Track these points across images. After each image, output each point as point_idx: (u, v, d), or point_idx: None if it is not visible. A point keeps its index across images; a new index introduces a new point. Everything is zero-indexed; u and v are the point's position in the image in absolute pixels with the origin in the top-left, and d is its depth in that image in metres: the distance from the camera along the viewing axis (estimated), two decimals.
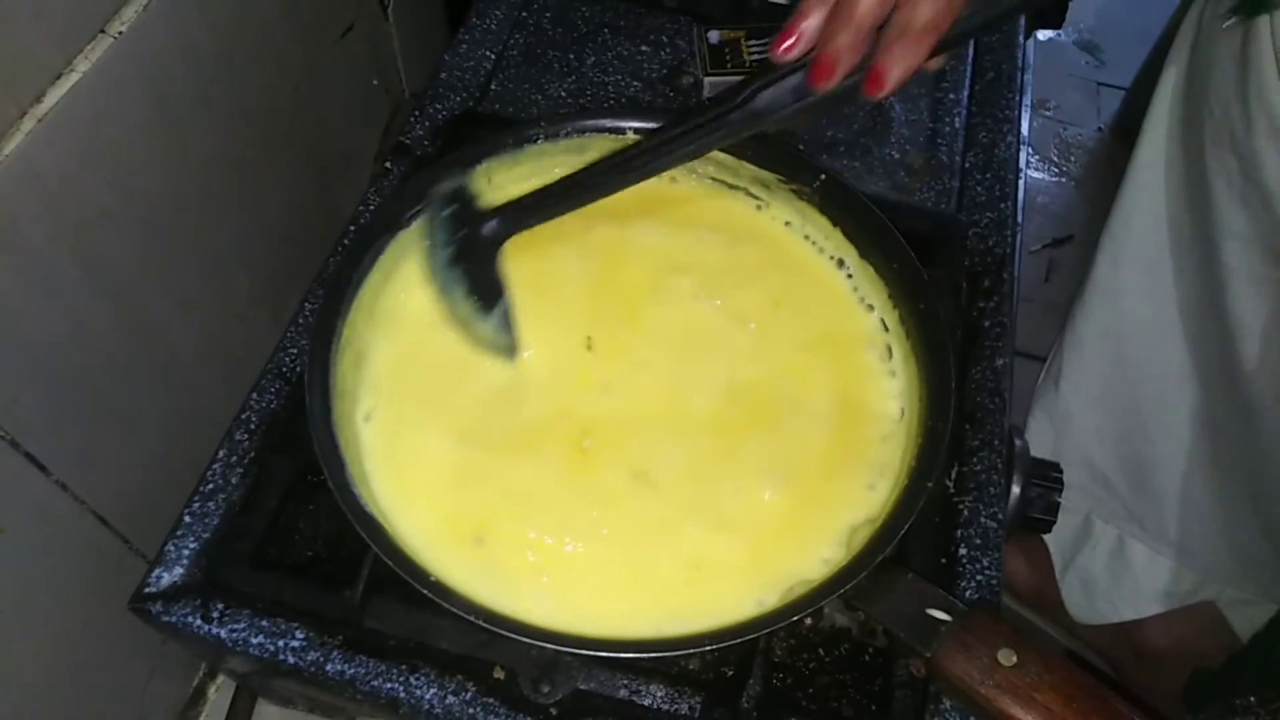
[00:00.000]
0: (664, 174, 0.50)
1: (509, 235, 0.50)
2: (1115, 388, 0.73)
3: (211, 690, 0.75)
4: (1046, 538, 0.81)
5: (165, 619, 0.48)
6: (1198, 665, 0.67)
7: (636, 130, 0.55)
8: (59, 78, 0.47)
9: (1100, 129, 1.28)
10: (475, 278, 0.49)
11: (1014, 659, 0.39)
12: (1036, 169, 1.23)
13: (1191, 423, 0.69)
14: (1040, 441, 0.78)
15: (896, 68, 0.42)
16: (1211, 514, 0.72)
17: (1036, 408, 0.79)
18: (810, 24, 0.43)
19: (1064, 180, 1.22)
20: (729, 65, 0.70)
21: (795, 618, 0.42)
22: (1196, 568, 0.76)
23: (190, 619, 0.48)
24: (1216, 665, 0.65)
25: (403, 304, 0.52)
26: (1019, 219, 0.64)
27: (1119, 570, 0.78)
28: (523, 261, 0.51)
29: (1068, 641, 0.86)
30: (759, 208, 0.56)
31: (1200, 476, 0.71)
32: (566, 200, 0.50)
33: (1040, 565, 0.83)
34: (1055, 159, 1.25)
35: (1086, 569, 0.80)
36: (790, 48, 0.44)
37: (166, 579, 0.50)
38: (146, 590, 0.49)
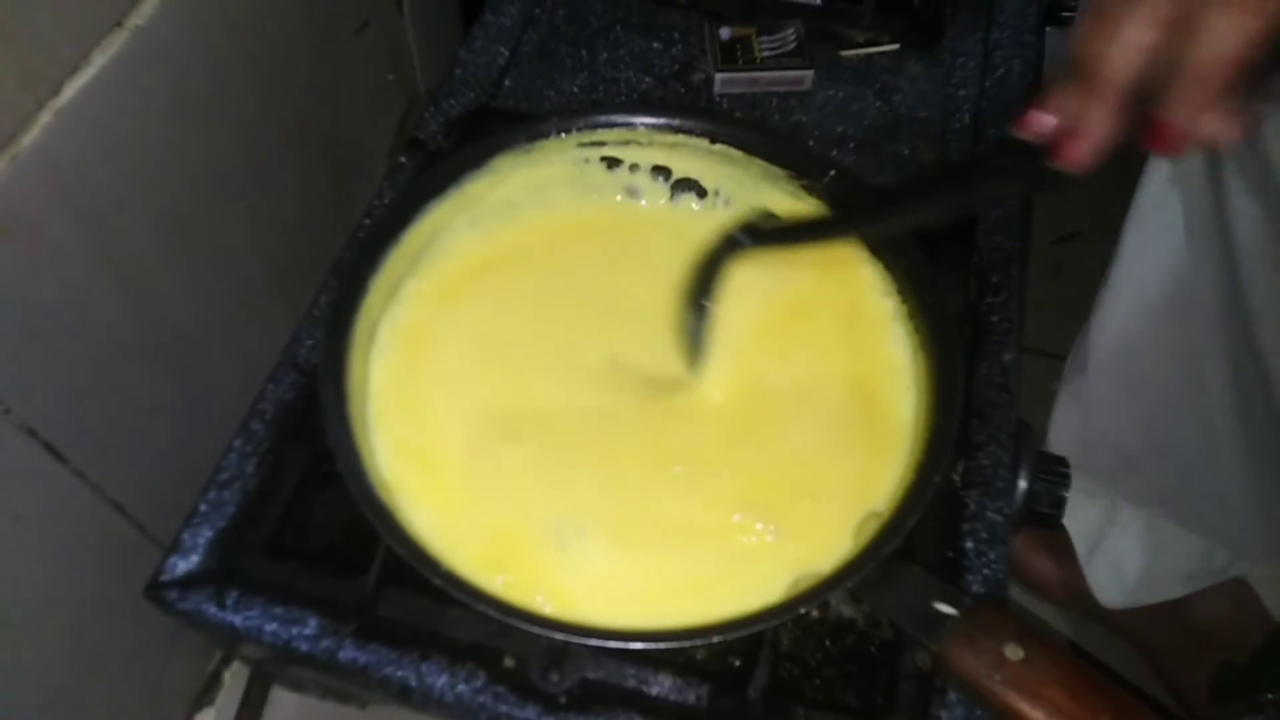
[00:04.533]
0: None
1: (751, 249, 0.51)
2: (1143, 370, 0.72)
3: (226, 676, 0.75)
4: (1069, 527, 0.80)
5: (180, 606, 0.48)
6: (1224, 659, 0.66)
7: (648, 125, 0.54)
8: (76, 71, 0.47)
9: None
10: (707, 276, 0.51)
11: (1021, 654, 0.39)
12: None
13: (1220, 401, 0.69)
14: (1066, 427, 0.77)
15: (1183, 115, 0.33)
16: (1242, 490, 0.71)
17: (1063, 393, 0.78)
18: (1062, 99, 0.36)
19: None
20: (740, 62, 0.70)
21: (802, 611, 0.42)
22: (1228, 544, 0.75)
23: (205, 607, 0.48)
24: (1244, 656, 0.64)
25: (417, 295, 0.52)
26: (1029, 215, 0.63)
27: (1149, 551, 0.77)
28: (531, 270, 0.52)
29: (1097, 633, 0.86)
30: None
31: (1230, 453, 0.70)
32: (813, 235, 0.52)
33: (1066, 558, 0.82)
34: None
35: (1115, 552, 0.79)
36: (1037, 121, 0.37)
37: (182, 567, 0.49)
38: (162, 578, 0.49)
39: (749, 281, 0.52)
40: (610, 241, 0.56)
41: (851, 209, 0.50)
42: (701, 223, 0.54)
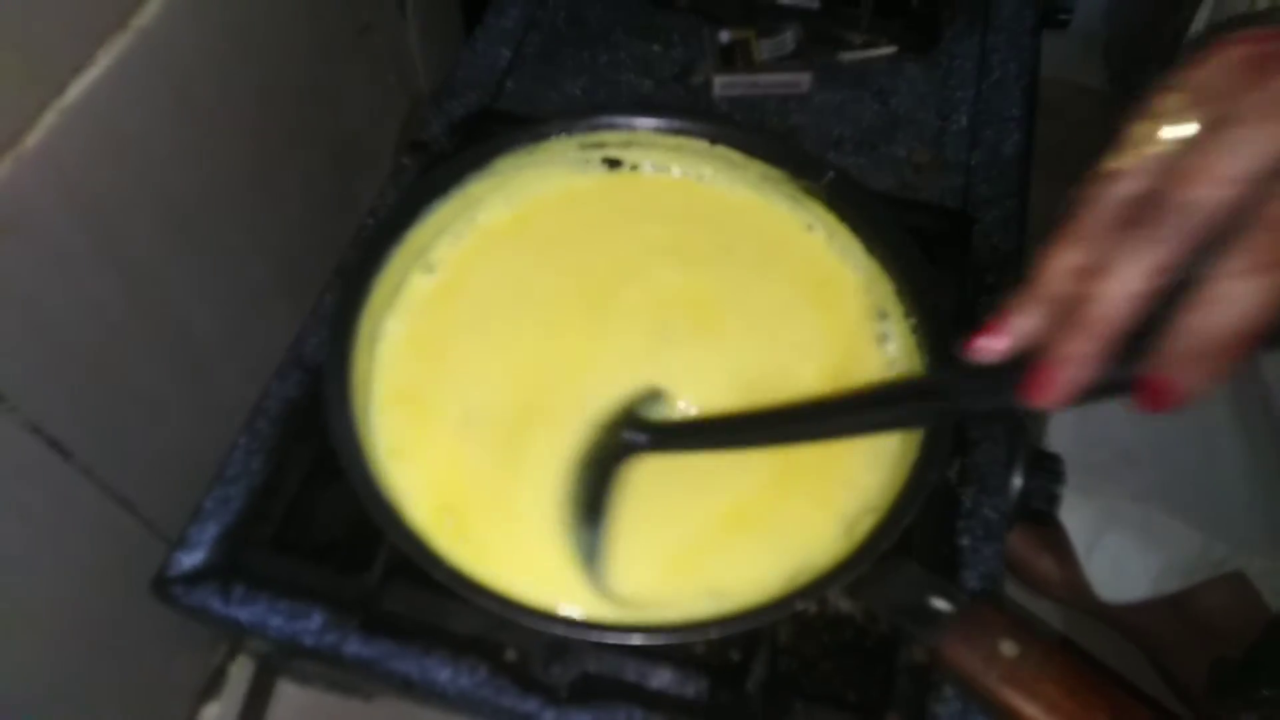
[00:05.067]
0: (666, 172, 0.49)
1: (648, 451, 0.46)
2: None
3: (232, 669, 0.75)
4: (1067, 524, 0.80)
5: (186, 601, 0.49)
6: (1224, 652, 0.66)
7: (649, 127, 0.55)
8: (80, 71, 0.47)
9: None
10: (593, 484, 0.45)
11: (1016, 650, 0.39)
12: (1038, 163, 1.21)
13: (1217, 396, 0.69)
14: (1064, 424, 0.77)
15: (1189, 381, 0.29)
16: (1239, 483, 0.71)
17: None
18: (1024, 323, 0.32)
19: (1063, 178, 1.20)
20: (739, 65, 0.70)
21: (798, 607, 0.42)
22: (1226, 538, 0.76)
23: (210, 601, 0.48)
24: (1243, 650, 0.65)
25: (419, 295, 0.52)
26: (1025, 215, 0.63)
27: (1148, 546, 0.77)
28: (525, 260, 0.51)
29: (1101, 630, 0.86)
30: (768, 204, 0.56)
31: (1227, 447, 0.70)
32: (716, 439, 0.46)
33: (1066, 556, 0.82)
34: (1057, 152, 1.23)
35: (1114, 548, 0.79)
36: (989, 347, 0.33)
37: (188, 562, 0.50)
38: (168, 573, 0.49)
39: (734, 272, 0.53)
40: (614, 222, 0.56)
41: (762, 417, 0.45)
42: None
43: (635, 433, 0.46)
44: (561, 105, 0.69)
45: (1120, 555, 0.79)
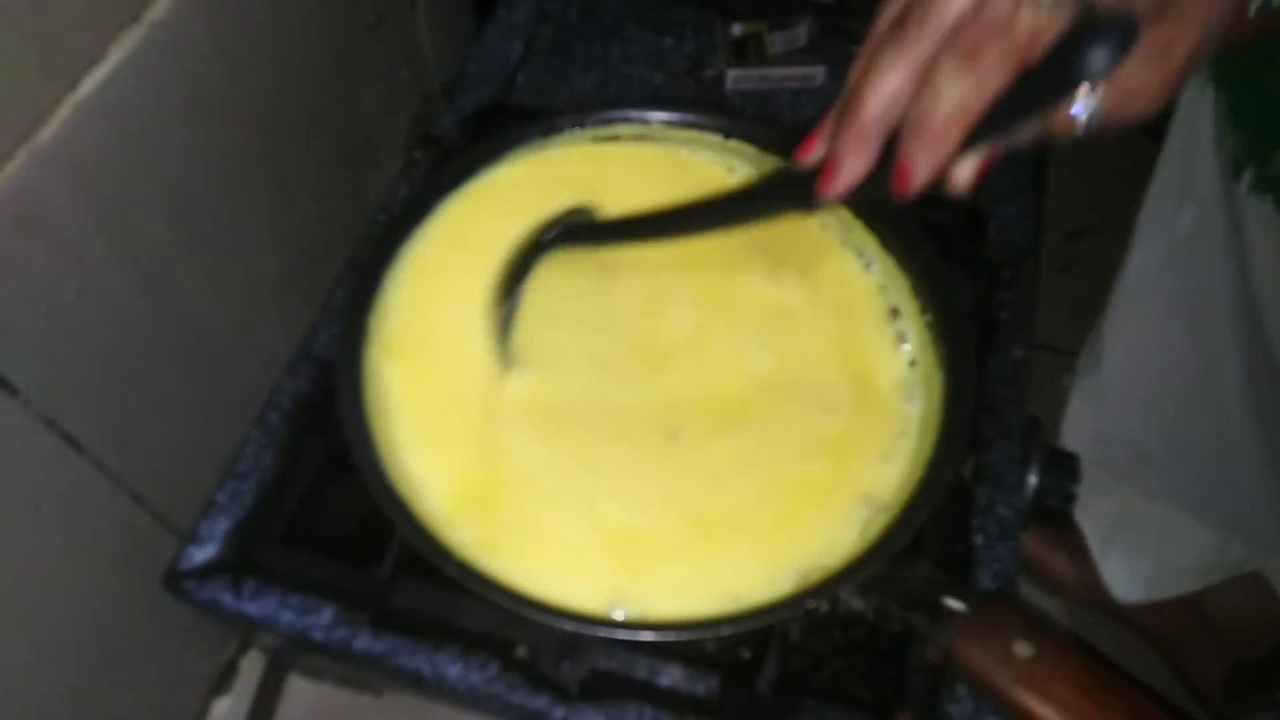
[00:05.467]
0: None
1: (556, 248, 0.51)
2: (1157, 364, 0.72)
3: (243, 664, 0.76)
4: (1082, 524, 0.80)
5: (197, 596, 0.49)
6: (1240, 653, 0.66)
7: (661, 121, 0.54)
8: (93, 65, 0.47)
9: None
10: (515, 274, 0.51)
11: (1030, 650, 0.39)
12: (1053, 159, 1.20)
13: (1233, 394, 0.68)
14: (1080, 423, 0.77)
15: (919, 163, 0.35)
16: (1257, 482, 0.71)
17: (1076, 389, 0.77)
18: (828, 132, 0.38)
19: (1081, 171, 1.19)
20: (751, 58, 0.70)
21: (810, 605, 0.42)
22: (1244, 537, 0.75)
23: (222, 596, 0.48)
24: (1260, 651, 0.64)
25: (432, 288, 0.52)
26: (1040, 211, 0.63)
27: (1164, 546, 0.77)
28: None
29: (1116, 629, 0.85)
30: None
31: (1244, 446, 0.70)
32: (618, 235, 0.52)
33: (1082, 555, 0.81)
34: (1071, 148, 1.22)
35: (1129, 548, 0.79)
36: (805, 152, 0.40)
37: (199, 557, 0.50)
38: (179, 568, 0.49)
39: (749, 269, 0.53)
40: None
41: (651, 216, 0.50)
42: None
43: (551, 233, 0.51)
44: (573, 99, 0.69)
45: (1135, 555, 0.78)
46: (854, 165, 0.37)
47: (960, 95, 0.32)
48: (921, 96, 0.33)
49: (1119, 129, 0.34)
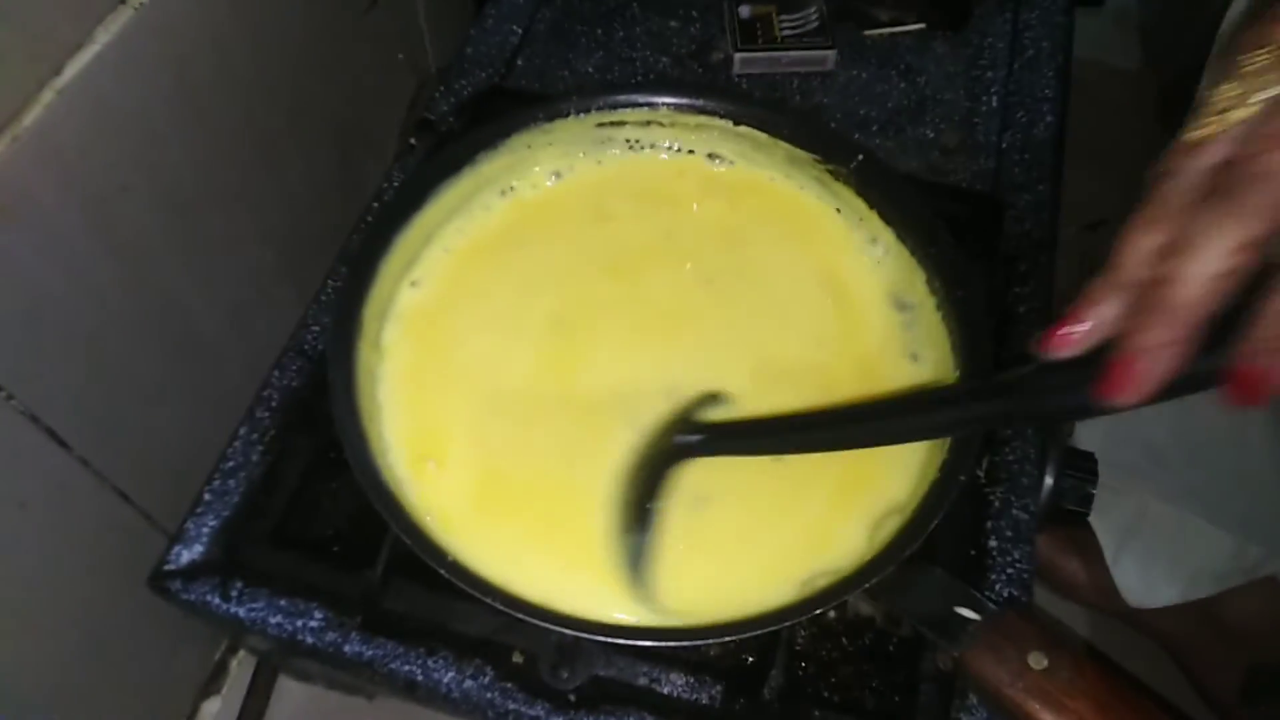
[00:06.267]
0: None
1: (701, 455, 0.45)
2: None
3: (233, 664, 0.75)
4: (1095, 526, 0.79)
5: (184, 597, 0.48)
6: (1256, 660, 0.65)
7: (668, 105, 0.53)
8: (78, 49, 0.46)
9: None
10: (650, 483, 0.44)
11: (1045, 662, 0.38)
12: (1072, 149, 1.19)
13: None
14: (1093, 423, 0.76)
15: (1277, 372, 0.27)
16: (1275, 485, 0.70)
17: None
18: (1105, 311, 0.30)
19: (1101, 162, 1.18)
20: (760, 41, 0.68)
21: (817, 611, 0.41)
22: (1260, 540, 0.74)
23: (209, 598, 0.48)
24: (1277, 657, 0.63)
25: (429, 278, 0.51)
26: (1058, 202, 0.62)
27: (1178, 550, 0.76)
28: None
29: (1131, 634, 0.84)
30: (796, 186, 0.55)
31: (1261, 447, 0.69)
32: (770, 441, 0.45)
33: (1094, 559, 0.81)
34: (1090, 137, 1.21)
35: (1143, 552, 0.78)
36: (1068, 339, 0.30)
37: (186, 557, 0.49)
38: (166, 568, 0.49)
39: (761, 259, 0.52)
40: (633, 203, 0.54)
41: (824, 419, 0.44)
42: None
43: (688, 434, 0.45)
44: (574, 83, 0.68)
45: (1150, 559, 0.77)
46: (1167, 362, 0.28)
47: None
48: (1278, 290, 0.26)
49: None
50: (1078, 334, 0.30)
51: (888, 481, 0.45)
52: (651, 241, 0.53)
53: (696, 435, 0.45)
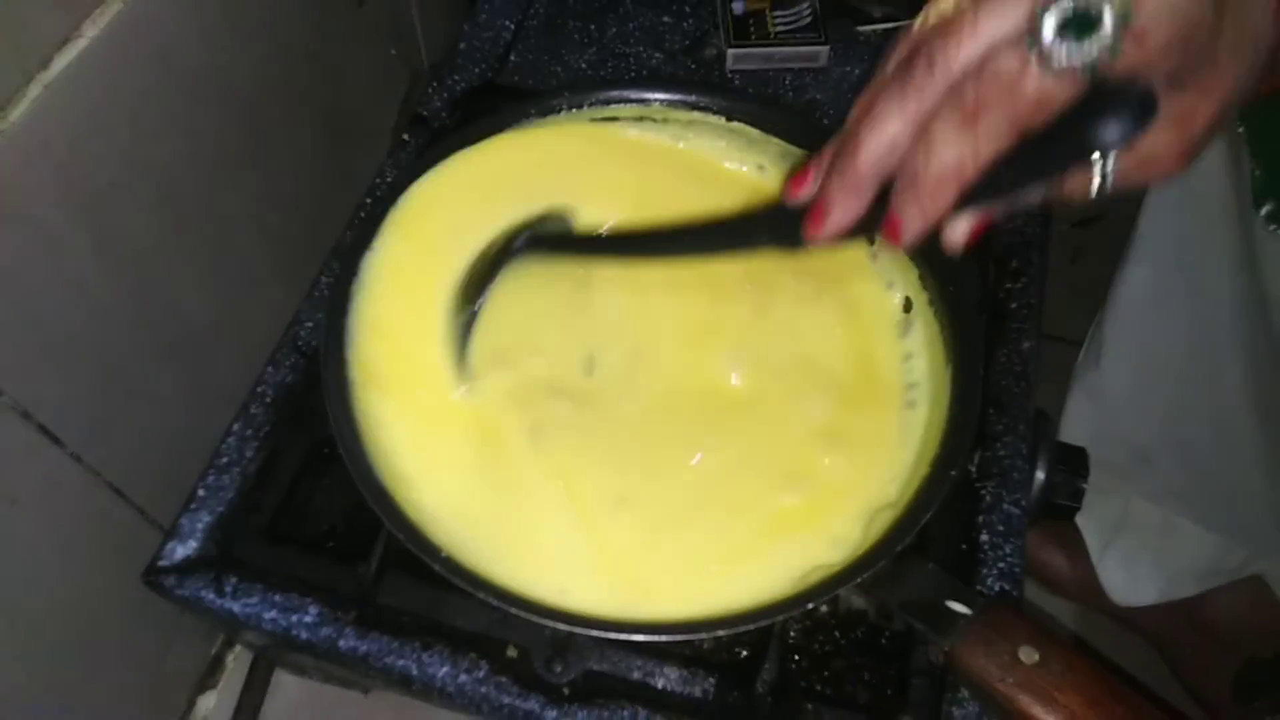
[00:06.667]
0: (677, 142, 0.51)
1: (524, 257, 0.50)
2: (1159, 363, 0.71)
3: (230, 659, 0.75)
4: (1081, 523, 0.79)
5: (178, 593, 0.48)
6: (1250, 655, 0.65)
7: (661, 101, 0.53)
8: (66, 43, 0.46)
9: None
10: (474, 282, 0.50)
11: (1035, 656, 0.38)
12: None
13: (1237, 396, 0.68)
14: (1079, 421, 0.76)
15: (910, 219, 0.33)
16: (1259, 486, 0.70)
17: (1076, 387, 0.77)
18: (824, 163, 0.37)
19: None
20: (753, 37, 0.68)
21: (810, 605, 0.41)
22: (1245, 541, 0.75)
23: (203, 593, 0.48)
24: (1263, 654, 0.64)
25: (417, 275, 0.51)
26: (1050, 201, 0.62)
27: (1164, 548, 0.77)
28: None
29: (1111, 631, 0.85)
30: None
31: (1247, 448, 0.69)
32: (591, 250, 0.51)
33: (1079, 554, 0.81)
34: None
35: (1129, 550, 0.78)
36: (797, 189, 0.38)
37: (180, 552, 0.49)
38: (160, 563, 0.49)
39: (742, 266, 0.52)
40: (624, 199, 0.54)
41: (628, 236, 0.50)
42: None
43: (522, 241, 0.50)
44: (567, 79, 0.68)
45: (1134, 557, 0.78)
46: (843, 211, 0.36)
47: (956, 156, 0.31)
48: (916, 151, 0.32)
49: (1138, 191, 0.33)
50: (804, 184, 0.38)
51: (883, 475, 0.46)
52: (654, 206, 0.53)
53: (527, 241, 0.50)
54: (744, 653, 0.47)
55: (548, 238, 0.51)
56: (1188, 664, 0.81)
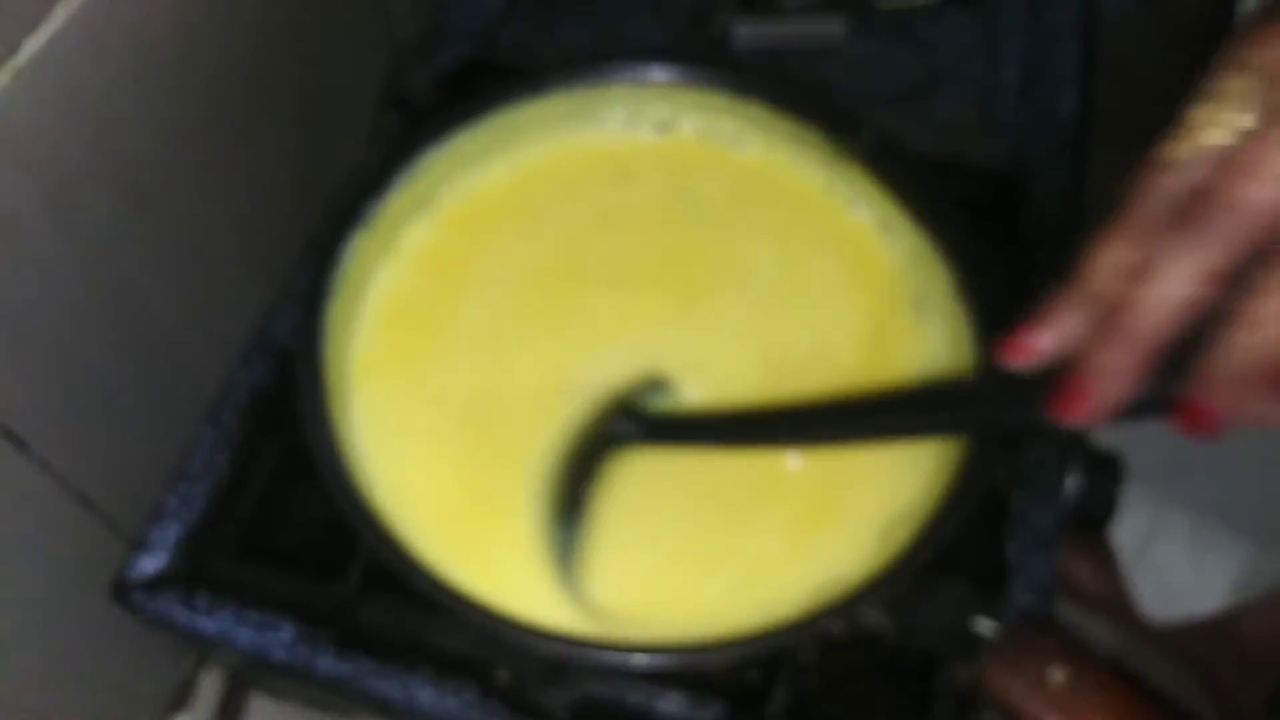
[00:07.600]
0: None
1: (641, 444, 0.45)
2: None
3: (203, 679, 0.75)
4: (1112, 534, 0.79)
5: (148, 609, 0.48)
6: (1275, 675, 0.65)
7: (664, 80, 0.53)
8: (36, 26, 0.46)
9: None
10: (575, 478, 0.44)
11: (1065, 677, 0.38)
12: (1098, 124, 1.19)
13: None
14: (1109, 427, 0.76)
15: (1230, 408, 0.28)
16: None
17: None
18: (1066, 324, 0.31)
19: (1130, 139, 1.18)
20: (762, 11, 0.68)
21: (825, 626, 0.41)
22: None
23: (174, 610, 0.48)
24: None
25: (399, 270, 0.51)
26: (1083, 184, 0.61)
27: (1199, 559, 0.76)
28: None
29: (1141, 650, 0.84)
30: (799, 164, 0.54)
31: None
32: (719, 435, 0.45)
33: (1108, 565, 0.81)
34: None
35: (1162, 562, 0.78)
36: (1028, 349, 0.32)
37: (150, 566, 0.49)
38: (128, 578, 0.49)
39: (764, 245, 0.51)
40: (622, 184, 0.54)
41: (776, 415, 0.45)
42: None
43: (628, 423, 0.45)
44: (561, 56, 0.67)
45: (1168, 568, 0.78)
46: (1119, 386, 0.30)
47: None
48: (1242, 324, 0.27)
49: None
50: (1038, 346, 0.32)
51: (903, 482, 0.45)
52: (644, 223, 0.53)
53: (637, 424, 0.45)
54: (754, 678, 0.47)
55: (656, 424, 0.45)
56: (1222, 681, 0.81)
